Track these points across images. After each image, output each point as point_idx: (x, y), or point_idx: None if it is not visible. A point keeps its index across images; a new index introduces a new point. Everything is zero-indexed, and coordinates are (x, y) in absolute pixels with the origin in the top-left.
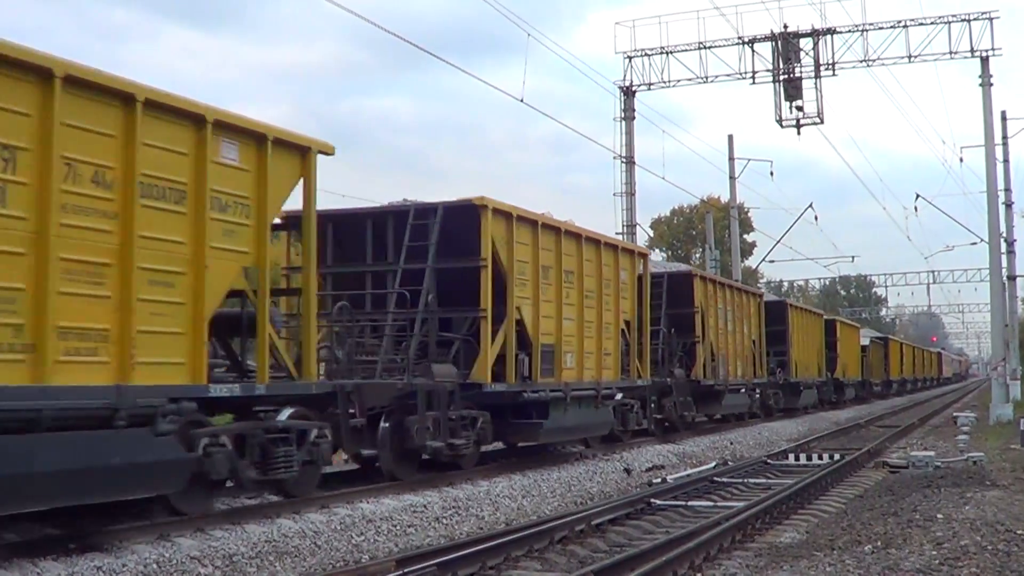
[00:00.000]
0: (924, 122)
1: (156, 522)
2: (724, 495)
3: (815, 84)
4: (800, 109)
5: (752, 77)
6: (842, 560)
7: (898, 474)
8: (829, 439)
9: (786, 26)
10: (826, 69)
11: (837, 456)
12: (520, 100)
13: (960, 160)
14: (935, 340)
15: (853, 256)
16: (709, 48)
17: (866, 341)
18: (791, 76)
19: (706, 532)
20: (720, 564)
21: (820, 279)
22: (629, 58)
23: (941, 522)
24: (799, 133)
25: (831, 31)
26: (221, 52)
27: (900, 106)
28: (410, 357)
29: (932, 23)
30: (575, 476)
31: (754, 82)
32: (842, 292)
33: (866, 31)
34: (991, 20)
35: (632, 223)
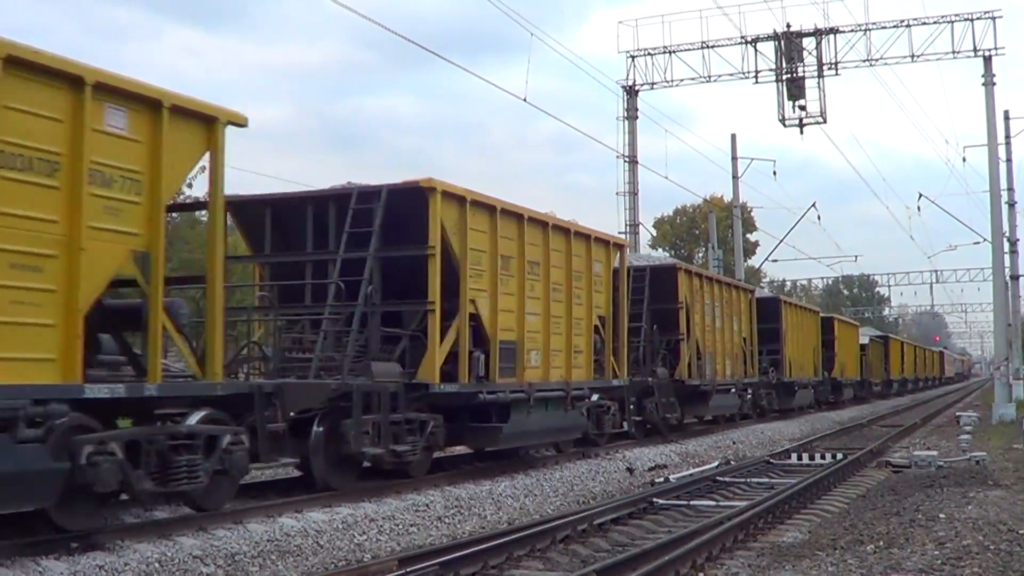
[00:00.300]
0: (927, 121)
1: (158, 521)
2: (727, 494)
3: (818, 83)
4: (803, 108)
5: (755, 76)
6: (844, 560)
7: (901, 474)
8: (831, 439)
9: (789, 25)
10: (829, 68)
11: (840, 456)
12: (523, 99)
13: (963, 159)
14: (937, 340)
15: (856, 256)
16: (712, 47)
17: (865, 340)
18: (794, 75)
19: (708, 532)
20: (722, 564)
21: (823, 279)
22: (632, 57)
23: (943, 522)
24: (802, 132)
25: (834, 30)
26: (223, 51)
27: (903, 105)
28: (347, 355)
29: (935, 22)
30: (577, 475)
31: (757, 81)
32: (845, 292)
33: (869, 30)
34: (994, 19)
35: (635, 222)
